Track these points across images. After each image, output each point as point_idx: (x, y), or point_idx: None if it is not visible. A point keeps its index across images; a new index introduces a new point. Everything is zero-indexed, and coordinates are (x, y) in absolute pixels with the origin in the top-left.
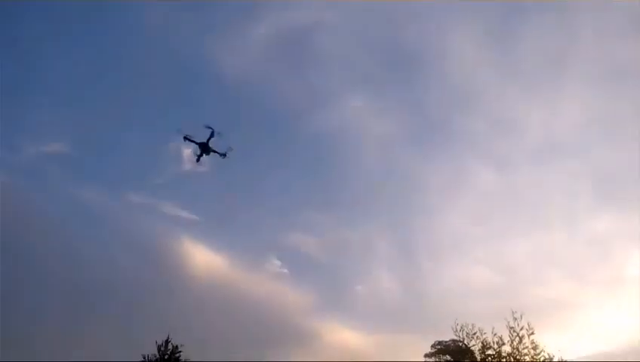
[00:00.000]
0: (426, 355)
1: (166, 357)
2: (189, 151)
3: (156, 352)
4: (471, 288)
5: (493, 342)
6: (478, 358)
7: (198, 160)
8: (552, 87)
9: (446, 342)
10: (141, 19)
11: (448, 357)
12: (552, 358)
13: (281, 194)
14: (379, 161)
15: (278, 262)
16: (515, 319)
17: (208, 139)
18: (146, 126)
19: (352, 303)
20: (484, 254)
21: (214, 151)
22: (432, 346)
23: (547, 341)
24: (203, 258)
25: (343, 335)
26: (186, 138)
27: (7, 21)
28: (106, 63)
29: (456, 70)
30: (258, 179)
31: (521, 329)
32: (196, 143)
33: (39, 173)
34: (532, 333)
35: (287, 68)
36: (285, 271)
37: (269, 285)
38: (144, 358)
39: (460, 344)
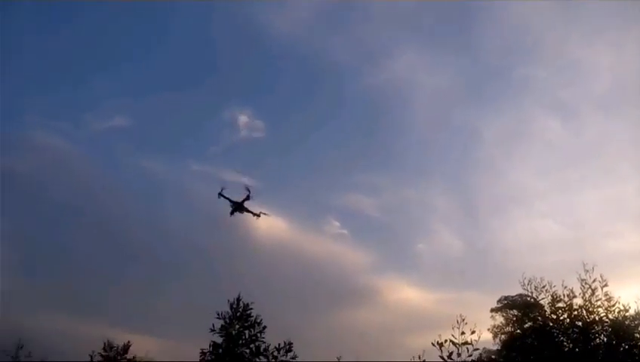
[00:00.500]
0: (492, 310)
1: (238, 314)
2: (244, 119)
3: (229, 310)
4: (538, 243)
5: (564, 295)
6: (548, 311)
7: (232, 214)
8: (618, 28)
9: (512, 296)
10: None
11: (515, 312)
12: (628, 309)
13: (336, 156)
14: (435, 116)
15: (337, 223)
16: (587, 271)
17: (244, 200)
18: (200, 92)
19: (414, 262)
20: (550, 208)
21: (248, 211)
22: (499, 301)
23: (622, 293)
24: (265, 222)
25: (405, 292)
26: (221, 195)
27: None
28: (162, 34)
29: (514, 14)
30: (314, 142)
31: (594, 281)
32: (231, 202)
33: (105, 146)
34: (605, 285)
35: (337, 25)
36: (345, 231)
37: (330, 246)
38: (218, 315)
39: (528, 298)
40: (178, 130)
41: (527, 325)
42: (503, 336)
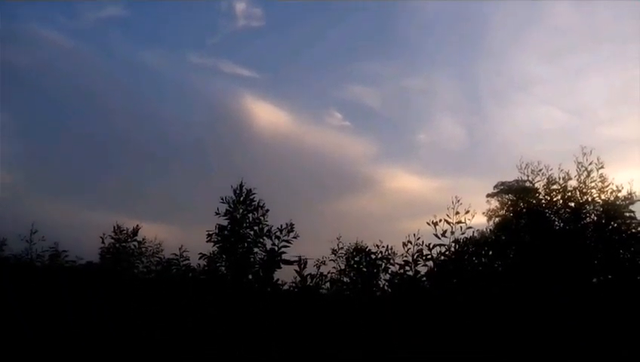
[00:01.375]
0: (488, 195)
1: (242, 198)
2: (242, 7)
3: (232, 195)
4: (539, 130)
5: (559, 178)
6: (542, 193)
7: None
8: None
9: (509, 182)
10: None
11: (511, 196)
12: (620, 190)
13: (339, 44)
14: (436, 3)
15: (339, 115)
16: (584, 154)
17: None
18: None
19: (414, 151)
20: (554, 94)
21: None
22: (495, 186)
23: (618, 177)
24: (265, 114)
25: (406, 181)
26: None
27: None
28: None
29: None
30: (315, 30)
31: (590, 163)
32: None
33: (100, 38)
34: (601, 167)
35: None
36: (347, 123)
37: (332, 137)
38: (222, 200)
39: (524, 183)
40: (174, 20)
41: (521, 208)
42: (497, 219)
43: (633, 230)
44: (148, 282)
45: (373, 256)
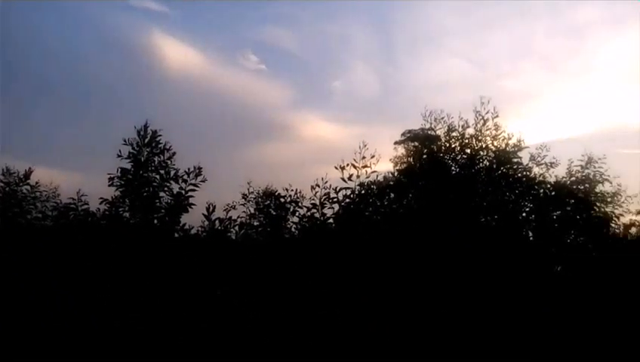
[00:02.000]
0: (395, 143)
1: (146, 141)
2: None
3: (136, 136)
4: (446, 81)
5: (459, 126)
6: (443, 140)
7: None
8: None
9: (415, 130)
10: None
11: (416, 144)
12: (510, 137)
13: None
14: None
15: (254, 58)
16: (482, 104)
17: None
18: None
19: (330, 98)
20: (463, 46)
21: None
22: (402, 134)
23: (512, 127)
24: (175, 52)
25: (320, 127)
26: None
27: None
28: None
29: None
30: None
31: (487, 113)
32: None
33: None
34: (496, 116)
35: None
36: (262, 67)
37: (246, 81)
38: (125, 141)
39: (428, 131)
40: None
41: (423, 155)
42: (402, 166)
43: (519, 174)
44: (44, 229)
45: (282, 200)
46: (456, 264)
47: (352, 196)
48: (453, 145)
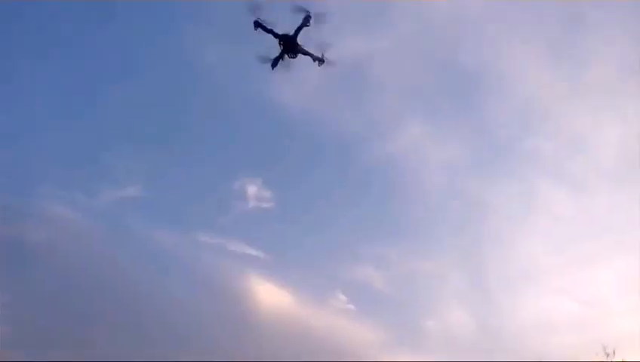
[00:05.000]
0: None
1: None
2: (253, 189)
3: None
4: (551, 321)
5: None
6: None
7: (274, 65)
8: (624, 104)
9: None
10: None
11: None
12: None
13: (344, 226)
14: (443, 189)
15: (343, 297)
16: (608, 354)
17: (298, 30)
18: (209, 163)
19: (423, 339)
20: (563, 284)
21: (306, 53)
22: None
23: None
24: (268, 294)
25: None
26: (258, 24)
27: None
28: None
29: (519, 89)
30: (322, 212)
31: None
32: (275, 35)
33: (116, 217)
34: None
35: (342, 97)
36: (351, 306)
37: (336, 320)
38: None
39: None
40: (189, 201)
41: None
42: None
43: None
44: None
45: None
46: None
47: None
48: None
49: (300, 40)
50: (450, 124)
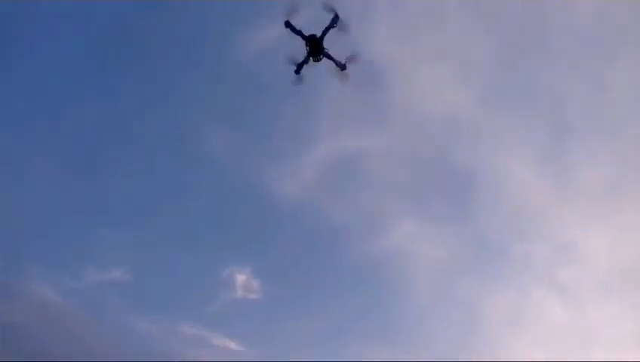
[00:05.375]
0: None
1: None
2: (242, 278)
3: None
4: None
5: None
6: None
7: (298, 70)
8: (614, 213)
9: None
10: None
11: None
12: None
13: (332, 322)
14: (433, 289)
15: None
16: None
17: (325, 31)
18: (199, 248)
19: None
20: None
21: (330, 57)
22: None
23: None
24: None
25: None
26: (288, 25)
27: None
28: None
29: (511, 193)
30: (310, 306)
31: None
32: (303, 36)
33: (100, 300)
34: None
35: (337, 190)
36: None
37: None
38: None
39: None
40: (175, 287)
41: None
42: None
43: None
44: None
45: None
46: None
47: None
48: None
49: (325, 44)
50: (443, 224)
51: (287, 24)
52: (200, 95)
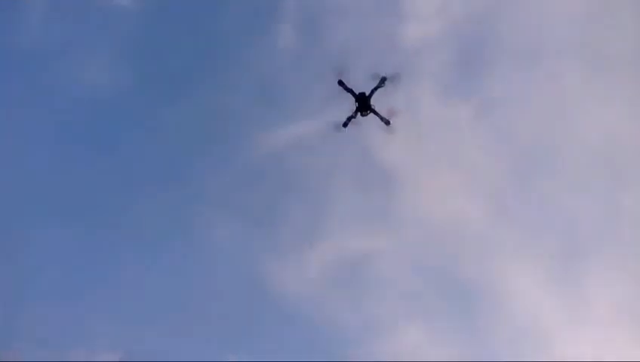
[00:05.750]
0: None
1: None
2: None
3: None
4: None
5: None
6: None
7: (346, 123)
8: (626, 338)
9: None
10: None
11: None
12: None
13: None
14: None
15: None
16: None
17: (374, 90)
18: (197, 341)
19: None
20: None
21: (375, 113)
22: None
23: None
24: None
25: None
26: (341, 83)
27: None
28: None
29: (518, 309)
30: None
31: None
32: (353, 93)
33: None
34: None
35: (343, 292)
36: None
37: None
38: None
39: None
40: None
41: None
42: None
43: None
44: None
45: None
46: None
47: None
48: None
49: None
50: (449, 332)
51: (340, 83)
52: (209, 185)
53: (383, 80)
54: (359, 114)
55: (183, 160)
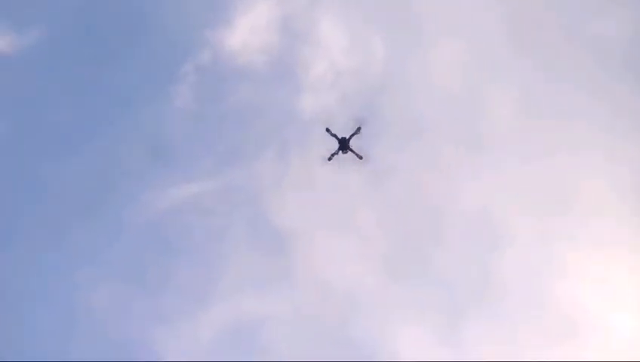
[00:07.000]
0: None
1: None
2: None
3: None
4: None
5: None
6: None
7: (330, 158)
8: None
9: None
10: None
11: None
12: None
13: None
14: None
15: None
16: None
17: (352, 135)
18: None
19: None
20: None
21: (353, 151)
22: None
23: None
24: None
25: None
26: (328, 130)
27: None
28: None
29: None
30: None
31: None
32: (336, 137)
33: None
34: None
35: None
36: None
37: None
38: None
39: None
40: None
41: None
42: None
43: None
44: None
45: None
46: None
47: None
48: None
49: (351, 143)
50: None
51: (327, 130)
52: (93, 248)
53: (358, 128)
54: (340, 152)
55: (65, 221)
